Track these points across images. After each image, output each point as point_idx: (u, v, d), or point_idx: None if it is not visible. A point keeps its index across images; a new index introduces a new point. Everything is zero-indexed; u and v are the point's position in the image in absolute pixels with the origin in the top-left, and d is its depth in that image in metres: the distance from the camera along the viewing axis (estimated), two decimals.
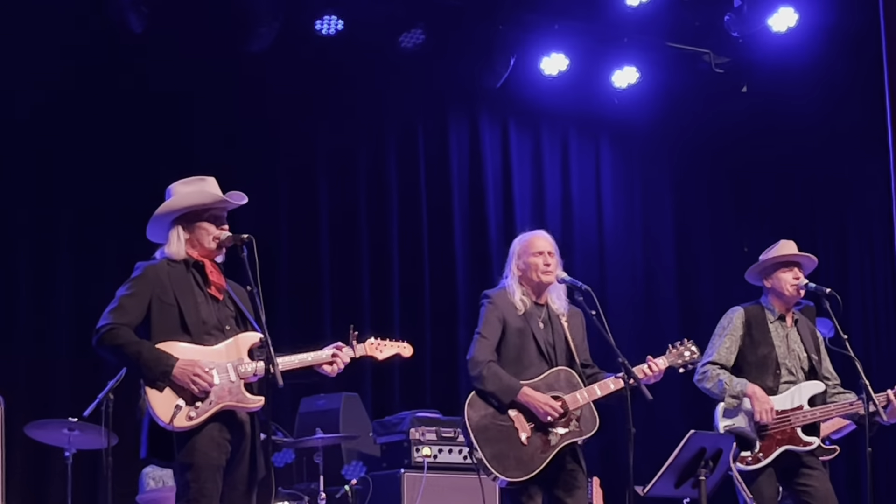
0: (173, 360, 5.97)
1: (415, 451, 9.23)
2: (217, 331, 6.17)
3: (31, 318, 9.98)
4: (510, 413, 6.83)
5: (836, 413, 7.61)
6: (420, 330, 11.40)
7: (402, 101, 11.71)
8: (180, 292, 6.13)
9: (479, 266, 11.83)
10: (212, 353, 6.10)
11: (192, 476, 5.99)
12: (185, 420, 5.97)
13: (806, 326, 7.82)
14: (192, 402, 5.99)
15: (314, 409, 9.75)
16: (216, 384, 6.02)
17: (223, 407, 6.04)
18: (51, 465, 9.38)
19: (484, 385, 6.83)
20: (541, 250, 7.05)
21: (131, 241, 9.99)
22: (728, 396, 7.49)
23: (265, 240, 6.47)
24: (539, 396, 6.80)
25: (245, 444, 6.16)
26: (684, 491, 7.09)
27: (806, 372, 7.67)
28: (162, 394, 5.97)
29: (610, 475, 9.70)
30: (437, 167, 11.86)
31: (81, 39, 10.21)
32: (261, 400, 6.10)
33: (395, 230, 11.61)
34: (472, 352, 6.94)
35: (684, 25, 11.90)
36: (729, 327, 7.69)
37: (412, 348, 6.60)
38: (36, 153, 10.19)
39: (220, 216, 6.27)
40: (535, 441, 6.80)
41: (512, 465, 6.75)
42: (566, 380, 6.93)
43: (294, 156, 11.27)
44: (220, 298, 6.25)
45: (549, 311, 7.08)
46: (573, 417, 6.85)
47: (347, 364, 6.32)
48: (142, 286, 6.12)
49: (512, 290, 7.06)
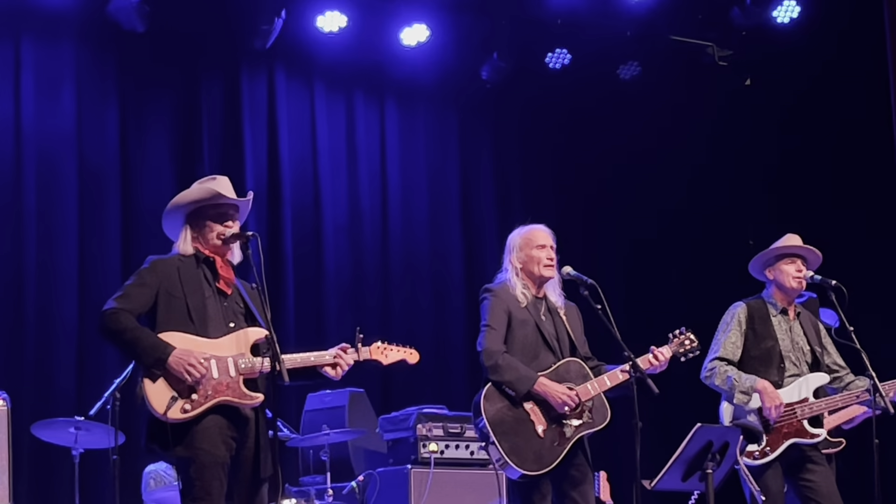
0: (170, 349, 5.98)
1: (422, 447, 9.23)
2: (223, 325, 6.17)
3: (37, 318, 9.98)
4: (526, 406, 6.80)
5: (842, 403, 7.59)
6: (423, 327, 11.43)
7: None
8: (188, 286, 6.15)
9: (480, 264, 11.76)
10: (212, 345, 6.10)
11: (195, 473, 5.98)
12: (180, 412, 5.97)
13: (808, 319, 7.81)
14: (188, 394, 5.99)
15: (321, 405, 9.75)
16: (215, 377, 6.03)
17: (220, 401, 6.04)
18: (58, 464, 9.38)
19: (500, 375, 6.79)
20: (543, 244, 7.04)
21: (137, 240, 10.16)
22: (738, 392, 7.48)
23: (268, 239, 6.49)
24: (556, 386, 6.79)
25: (250, 442, 6.15)
26: (691, 484, 7.08)
27: (809, 365, 7.66)
28: (156, 384, 5.99)
29: (617, 469, 9.69)
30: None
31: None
32: (259, 397, 6.11)
33: (399, 230, 11.61)
34: (484, 343, 6.89)
35: (687, 18, 11.89)
36: (732, 322, 7.68)
37: (419, 354, 6.60)
38: (38, 161, 10.20)
39: (224, 213, 6.28)
40: (551, 434, 6.79)
41: (530, 457, 6.73)
42: (577, 371, 6.93)
43: (297, 153, 11.28)
44: (229, 294, 6.27)
45: (547, 305, 7.07)
46: (586, 409, 6.85)
47: (351, 367, 6.32)
48: (149, 277, 6.16)
49: (513, 284, 7.03)
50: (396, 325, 11.25)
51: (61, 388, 9.88)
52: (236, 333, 6.18)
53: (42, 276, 10.06)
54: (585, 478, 6.91)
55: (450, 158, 12.10)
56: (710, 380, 7.60)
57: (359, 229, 11.45)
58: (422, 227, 11.81)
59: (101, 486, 9.41)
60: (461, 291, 11.68)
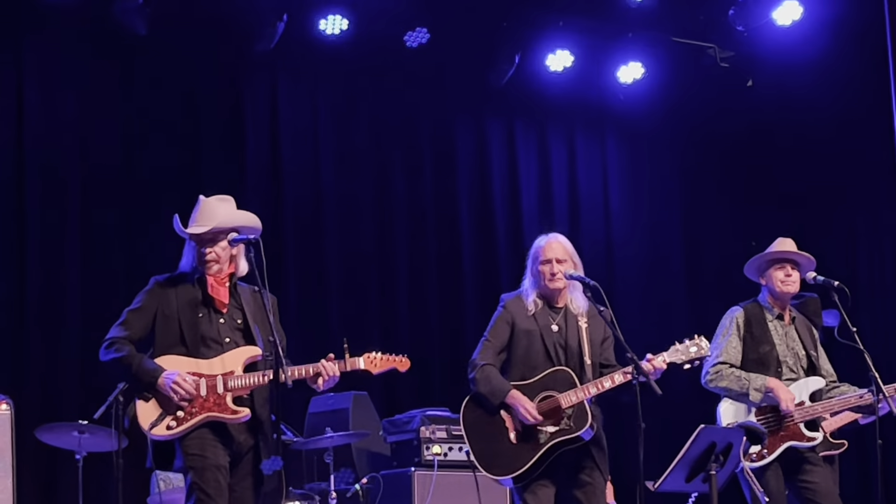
0: (159, 371, 6.22)
1: (425, 449, 9.24)
2: (216, 343, 6.35)
3: (40, 322, 9.99)
4: (501, 413, 6.96)
5: (839, 406, 7.60)
6: (428, 329, 11.42)
7: (408, 101, 11.70)
8: (182, 306, 6.35)
9: (488, 264, 11.83)
10: (202, 365, 6.28)
11: (194, 477, 6.19)
12: (164, 429, 6.22)
13: (803, 324, 7.80)
14: (175, 412, 6.21)
15: (324, 408, 9.76)
16: (202, 396, 6.21)
17: (206, 417, 6.22)
18: (62, 468, 9.39)
19: (477, 387, 7.00)
20: (548, 258, 7.07)
21: (139, 244, 10.16)
22: (752, 390, 7.49)
23: (271, 243, 6.51)
24: (523, 401, 6.90)
25: (247, 447, 6.32)
26: (695, 485, 7.07)
27: (805, 369, 7.66)
28: (147, 404, 6.26)
29: (620, 470, 9.68)
30: (445, 165, 11.85)
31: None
32: (245, 411, 6.26)
33: (403, 229, 11.62)
34: (474, 354, 7.09)
35: (689, 20, 11.89)
36: (731, 327, 7.68)
37: (409, 362, 6.67)
38: (39, 164, 10.21)
39: (203, 239, 6.39)
40: (524, 440, 6.90)
41: (495, 462, 6.90)
42: (562, 379, 6.97)
43: (299, 157, 11.28)
44: (225, 312, 6.38)
45: (566, 313, 7.10)
46: (564, 416, 6.89)
47: (337, 376, 6.41)
48: (147, 301, 6.39)
49: (527, 294, 7.15)
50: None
51: (65, 391, 9.88)
52: (230, 352, 6.34)
53: (45, 279, 10.06)
54: (596, 484, 6.94)
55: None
56: (715, 383, 7.59)
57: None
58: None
59: (104, 489, 9.40)
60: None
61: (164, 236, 6.50)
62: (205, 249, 6.38)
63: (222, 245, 6.39)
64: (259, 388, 6.29)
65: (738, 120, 12.38)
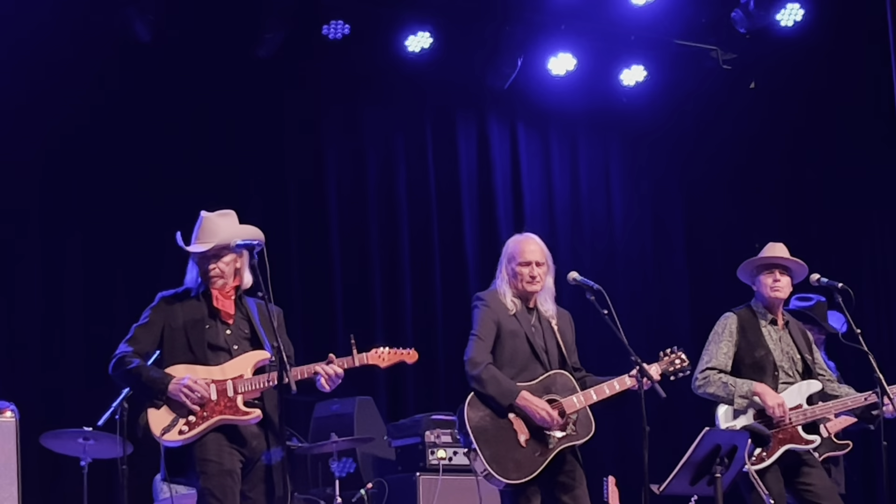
0: (168, 379, 6.28)
1: (430, 453, 9.23)
2: (224, 352, 6.40)
3: (45, 328, 10.00)
4: (509, 416, 6.82)
5: (835, 410, 7.57)
6: (432, 332, 11.42)
7: (410, 104, 11.71)
8: (189, 318, 6.40)
9: (492, 268, 11.74)
10: (212, 371, 6.34)
11: (205, 482, 6.21)
12: (177, 434, 6.25)
13: (797, 328, 7.78)
14: (186, 416, 6.25)
15: (328, 413, 9.76)
16: (213, 400, 6.25)
17: (218, 420, 6.26)
18: (66, 474, 9.39)
19: (483, 387, 6.82)
20: (528, 261, 7.00)
21: (140, 249, 10.16)
22: (737, 397, 7.45)
23: (275, 246, 6.52)
24: (537, 402, 6.79)
25: (259, 451, 6.35)
26: (700, 488, 7.07)
27: (801, 373, 7.63)
28: (159, 411, 6.30)
29: (625, 474, 9.69)
30: (447, 168, 11.85)
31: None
32: (255, 412, 6.30)
33: (406, 232, 11.61)
34: (470, 352, 6.92)
35: (691, 22, 11.89)
36: (724, 333, 7.64)
37: (417, 354, 6.65)
38: (43, 171, 10.22)
39: (206, 256, 6.45)
40: (533, 444, 6.79)
41: (511, 467, 6.75)
42: (563, 384, 6.92)
43: (302, 160, 11.28)
44: (231, 322, 6.44)
45: (538, 314, 7.05)
46: (570, 421, 6.84)
47: (340, 375, 6.41)
48: (154, 316, 6.46)
49: (503, 292, 7.05)
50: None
51: (70, 398, 9.89)
52: (239, 357, 6.39)
53: (49, 286, 10.07)
54: (579, 483, 6.87)
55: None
56: (703, 388, 7.56)
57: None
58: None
59: (109, 495, 9.41)
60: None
61: (159, 242, 6.55)
62: (208, 266, 6.44)
63: (226, 260, 6.45)
64: (269, 393, 6.34)
65: (740, 122, 12.37)
